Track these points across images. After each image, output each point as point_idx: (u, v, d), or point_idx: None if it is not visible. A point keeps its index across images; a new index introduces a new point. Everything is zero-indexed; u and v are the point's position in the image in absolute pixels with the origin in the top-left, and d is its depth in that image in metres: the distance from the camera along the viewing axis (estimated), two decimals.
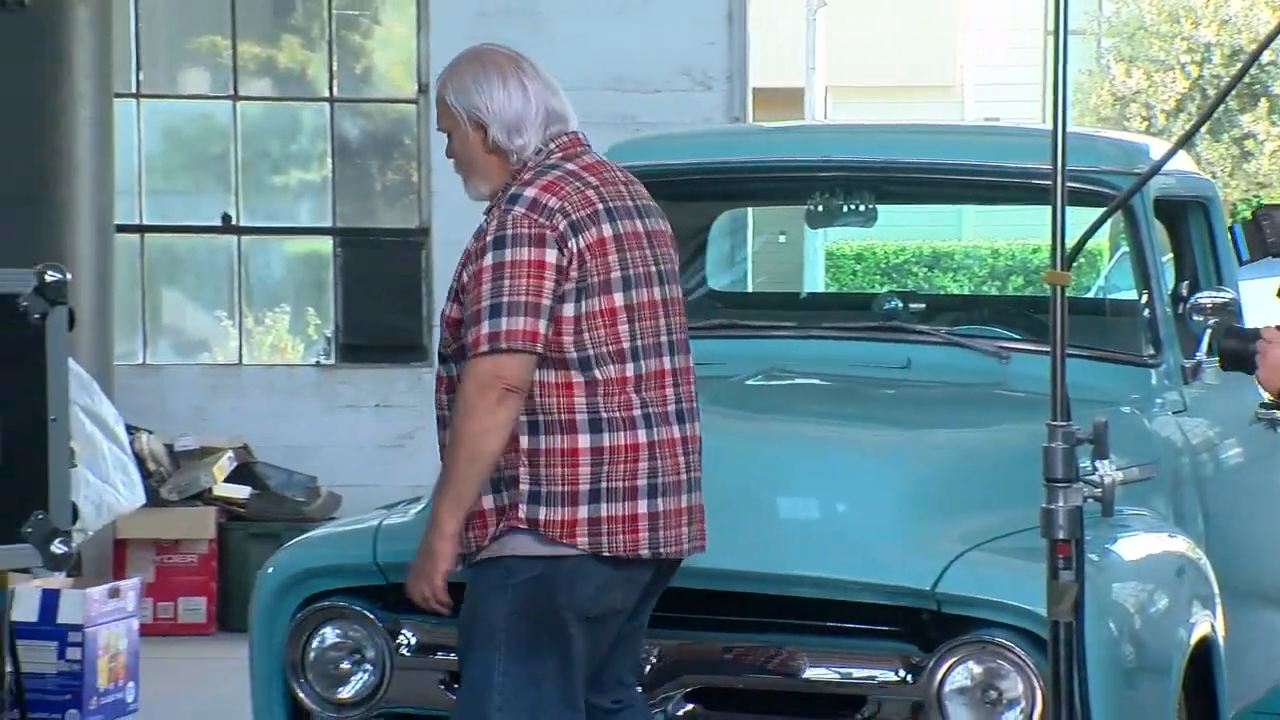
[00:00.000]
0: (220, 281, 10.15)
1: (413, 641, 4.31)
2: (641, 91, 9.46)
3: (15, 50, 7.24)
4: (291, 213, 10.32)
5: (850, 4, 20.98)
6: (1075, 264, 3.55)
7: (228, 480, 8.98)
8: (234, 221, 9.88)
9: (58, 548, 3.02)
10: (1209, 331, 4.85)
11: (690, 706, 4.11)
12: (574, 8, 9.46)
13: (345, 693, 4.35)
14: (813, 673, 4.07)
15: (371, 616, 4.31)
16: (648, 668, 4.09)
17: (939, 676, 3.91)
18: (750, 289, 7.62)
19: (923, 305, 5.56)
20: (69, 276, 3.06)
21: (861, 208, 5.40)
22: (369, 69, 10.20)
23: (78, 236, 7.74)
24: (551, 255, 3.75)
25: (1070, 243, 3.56)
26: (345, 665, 4.35)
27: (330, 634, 4.35)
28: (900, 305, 5.36)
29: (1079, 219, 3.74)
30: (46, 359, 3.01)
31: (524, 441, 3.77)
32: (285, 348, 10.26)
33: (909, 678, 3.97)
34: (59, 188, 7.69)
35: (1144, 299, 4.96)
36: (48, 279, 3.00)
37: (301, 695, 4.36)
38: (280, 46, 10.16)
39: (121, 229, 8.96)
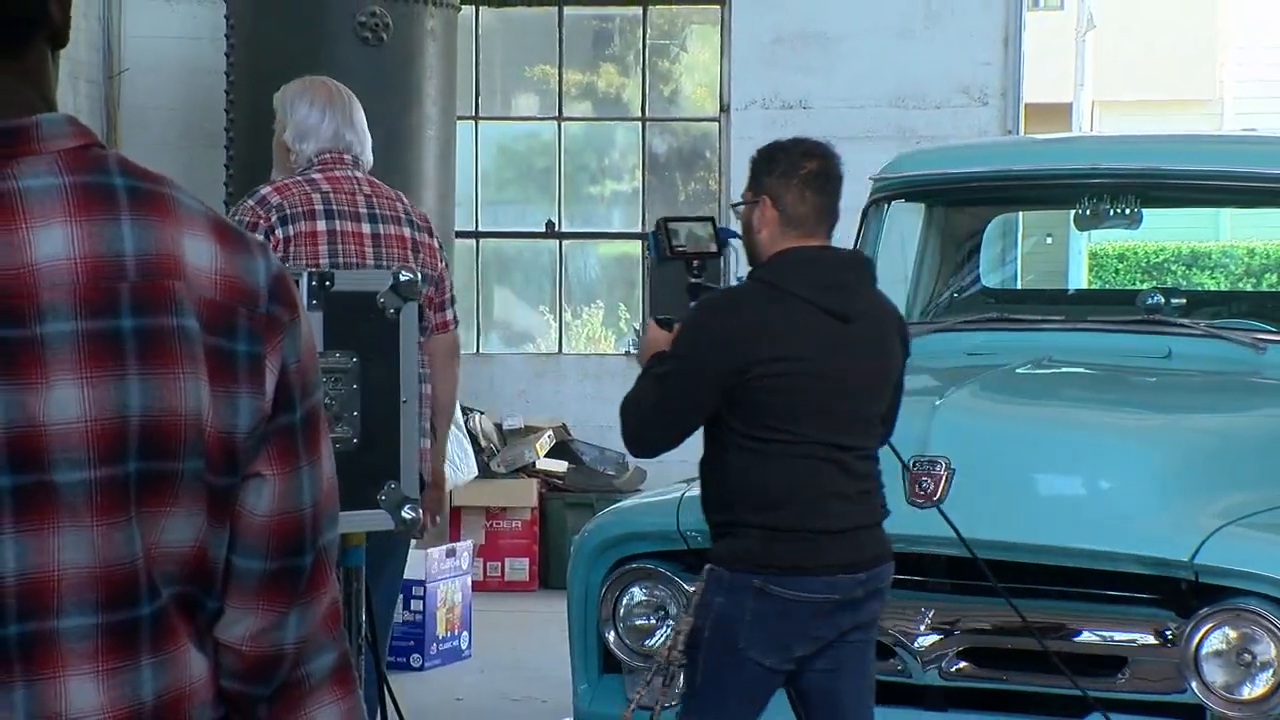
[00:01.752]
0: (543, 280, 10.31)
1: None
2: (922, 108, 9.36)
3: (377, 82, 7.43)
4: (606, 219, 10.44)
5: (1117, 25, 20.45)
6: None
7: (548, 455, 9.11)
8: (556, 228, 10.03)
9: (406, 513, 3.10)
10: None
11: (963, 664, 4.09)
12: (862, 32, 9.39)
13: (652, 644, 4.40)
14: (1078, 635, 4.01)
15: (674, 577, 4.37)
16: (922, 626, 4.08)
17: (1196, 641, 3.83)
18: (1020, 286, 7.48)
19: (1183, 300, 5.42)
20: (419, 276, 3.14)
21: (1126, 212, 5.29)
22: (676, 91, 10.26)
23: None
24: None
25: None
26: (650, 620, 4.41)
27: (638, 592, 4.41)
28: (1162, 300, 5.24)
29: None
30: (399, 348, 3.08)
31: None
32: (599, 339, 10.39)
33: (1169, 642, 3.89)
34: (409, 200, 7.87)
35: None
36: (401, 278, 3.08)
37: (611, 645, 4.44)
38: (599, 73, 10.29)
39: (460, 235, 9.16)
